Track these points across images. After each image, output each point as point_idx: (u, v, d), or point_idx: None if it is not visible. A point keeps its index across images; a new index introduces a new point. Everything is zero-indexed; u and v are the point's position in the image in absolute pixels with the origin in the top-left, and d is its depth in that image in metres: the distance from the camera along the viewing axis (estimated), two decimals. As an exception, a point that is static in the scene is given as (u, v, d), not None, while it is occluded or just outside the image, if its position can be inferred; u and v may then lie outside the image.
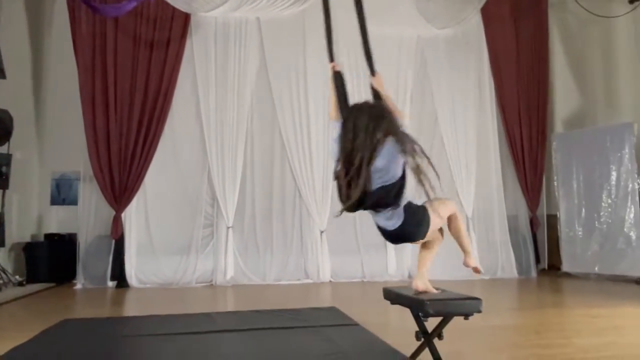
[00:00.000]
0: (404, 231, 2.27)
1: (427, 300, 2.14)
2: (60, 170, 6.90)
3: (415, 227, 2.28)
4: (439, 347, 2.35)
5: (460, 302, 2.19)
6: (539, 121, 7.30)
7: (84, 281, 6.03)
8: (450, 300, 2.19)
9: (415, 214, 2.27)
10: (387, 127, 2.14)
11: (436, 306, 2.12)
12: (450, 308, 2.16)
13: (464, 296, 2.25)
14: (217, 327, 2.92)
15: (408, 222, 2.25)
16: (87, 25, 6.29)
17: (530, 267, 6.97)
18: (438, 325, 2.30)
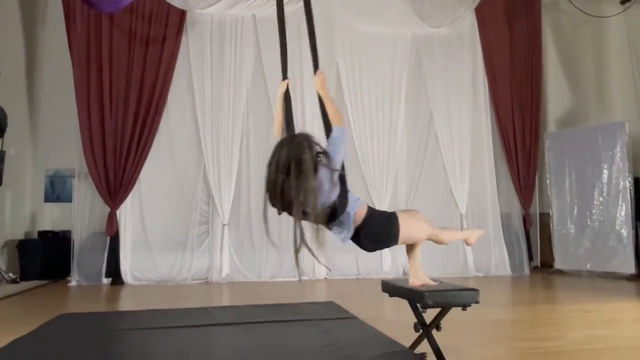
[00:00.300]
0: (367, 239, 2.31)
1: (426, 291, 2.17)
2: (54, 167, 6.86)
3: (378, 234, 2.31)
4: (436, 339, 2.38)
5: (458, 293, 2.22)
6: (532, 120, 7.37)
7: (78, 278, 6.00)
8: (448, 291, 2.22)
9: (378, 222, 2.30)
10: (306, 167, 2.07)
11: (435, 297, 2.15)
12: (448, 299, 2.19)
13: (461, 287, 2.29)
14: (215, 321, 2.93)
15: (368, 232, 2.28)
16: (82, 22, 6.25)
17: (523, 265, 7.04)
18: (436, 317, 2.33)
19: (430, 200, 6.96)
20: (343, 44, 6.90)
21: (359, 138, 6.84)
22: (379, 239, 2.34)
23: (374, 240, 2.34)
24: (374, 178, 6.84)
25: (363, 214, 2.28)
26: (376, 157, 6.87)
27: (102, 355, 2.29)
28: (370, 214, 2.29)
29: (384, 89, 6.97)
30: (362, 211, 2.28)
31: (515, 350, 2.95)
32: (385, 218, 2.33)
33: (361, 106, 6.89)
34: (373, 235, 2.30)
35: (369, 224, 2.27)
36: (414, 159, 7.05)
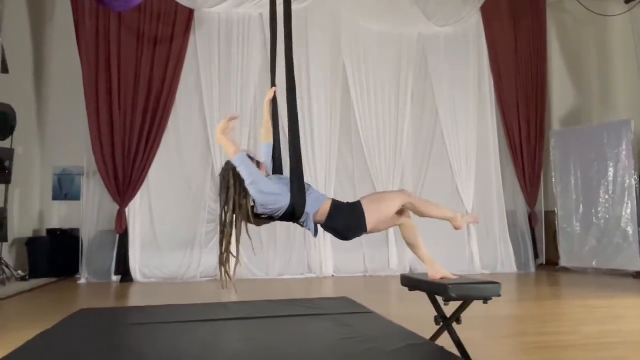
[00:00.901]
0: (335, 231, 2.50)
1: (449, 284, 2.20)
2: (62, 165, 6.89)
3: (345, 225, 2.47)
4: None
5: (481, 286, 2.25)
6: (538, 118, 7.41)
7: (87, 276, 6.03)
8: (471, 284, 2.25)
9: (343, 214, 2.46)
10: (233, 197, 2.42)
11: (458, 290, 2.18)
12: (471, 292, 2.23)
13: (484, 280, 2.32)
14: (233, 315, 2.97)
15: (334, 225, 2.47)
16: (90, 20, 6.28)
17: (529, 262, 7.08)
18: (457, 310, 2.36)
19: (437, 197, 6.97)
20: (350, 43, 6.94)
21: (365, 136, 6.88)
22: (346, 229, 2.48)
23: (342, 231, 2.48)
24: (381, 176, 6.87)
25: (326, 210, 2.45)
26: (383, 155, 6.91)
27: (125, 349, 2.33)
28: (333, 208, 2.46)
29: (390, 88, 7.01)
30: (325, 207, 2.45)
31: (529, 344, 2.98)
32: (349, 209, 2.48)
33: (367, 105, 6.93)
34: (340, 227, 2.47)
35: (334, 218, 2.44)
36: (420, 157, 7.09)
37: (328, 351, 2.17)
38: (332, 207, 2.44)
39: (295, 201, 2.39)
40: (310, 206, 2.42)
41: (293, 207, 2.40)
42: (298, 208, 2.41)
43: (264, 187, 2.38)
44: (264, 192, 2.38)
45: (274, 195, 2.39)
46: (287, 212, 2.42)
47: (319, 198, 2.47)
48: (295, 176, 2.39)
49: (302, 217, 2.44)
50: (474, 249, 6.92)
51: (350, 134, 6.91)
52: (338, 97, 6.85)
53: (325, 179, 6.68)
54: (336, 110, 6.83)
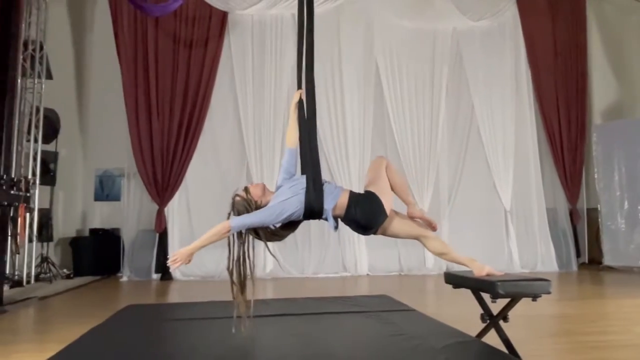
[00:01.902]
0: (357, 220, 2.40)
1: (498, 281, 2.15)
2: (103, 167, 7.10)
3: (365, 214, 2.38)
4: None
5: (530, 283, 2.20)
6: (578, 113, 7.18)
7: (129, 274, 6.19)
8: (520, 281, 2.20)
9: (360, 201, 2.39)
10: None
11: (507, 287, 2.13)
12: (520, 289, 2.17)
13: (532, 277, 2.26)
14: (275, 312, 2.99)
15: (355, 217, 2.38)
16: (128, 26, 6.45)
17: (570, 261, 6.87)
18: (505, 307, 2.31)
19: (473, 196, 6.88)
20: (382, 40, 6.90)
21: (399, 134, 6.82)
22: (367, 217, 2.38)
23: (364, 220, 2.39)
24: (415, 174, 6.80)
25: (345, 202, 2.38)
26: (417, 153, 6.83)
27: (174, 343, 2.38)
28: (351, 199, 2.39)
29: (424, 85, 6.93)
30: (343, 200, 2.38)
31: (580, 344, 2.89)
32: (365, 198, 2.41)
33: (401, 102, 6.87)
34: (361, 217, 2.38)
35: (353, 208, 2.36)
36: (456, 154, 6.98)
37: (378, 347, 2.16)
38: (350, 198, 2.38)
39: (311, 199, 2.33)
40: (328, 201, 2.36)
41: (310, 205, 2.34)
42: (316, 205, 2.35)
43: (269, 217, 2.33)
44: (274, 216, 2.32)
45: (282, 208, 2.33)
46: (306, 212, 2.35)
47: (335, 191, 2.41)
48: (312, 173, 2.35)
49: (323, 213, 2.38)
50: (513, 248, 6.76)
51: (384, 132, 6.87)
52: (371, 95, 6.81)
53: (358, 178, 6.64)
54: (369, 108, 6.79)
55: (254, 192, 2.45)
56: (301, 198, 2.33)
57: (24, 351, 2.88)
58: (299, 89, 2.71)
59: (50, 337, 3.13)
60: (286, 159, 2.59)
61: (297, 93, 2.68)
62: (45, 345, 2.80)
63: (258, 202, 2.41)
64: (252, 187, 2.47)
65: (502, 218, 6.84)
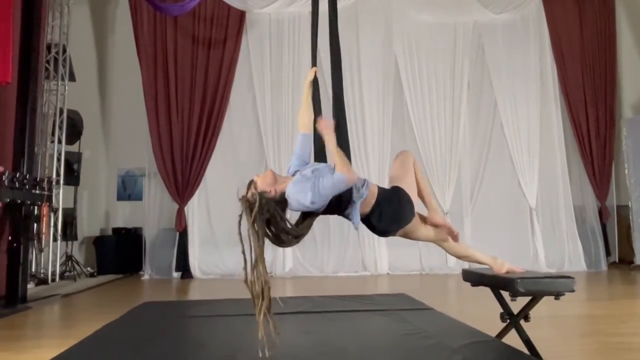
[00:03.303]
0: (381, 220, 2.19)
1: (517, 278, 2.06)
2: (125, 167, 7.21)
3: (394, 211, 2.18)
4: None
5: (552, 280, 2.09)
6: (607, 106, 6.92)
7: (150, 272, 6.26)
8: (541, 278, 2.10)
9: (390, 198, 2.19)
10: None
11: (527, 284, 2.03)
12: (541, 286, 2.07)
13: (555, 274, 2.15)
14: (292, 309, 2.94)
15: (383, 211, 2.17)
16: (148, 27, 6.52)
17: (600, 260, 6.61)
18: (526, 306, 2.21)
19: (497, 193, 6.70)
20: (401, 34, 6.79)
21: (419, 130, 6.70)
22: (395, 218, 2.18)
23: (389, 221, 2.18)
24: (437, 171, 6.66)
25: (373, 199, 2.16)
26: (438, 150, 6.70)
27: (187, 340, 2.36)
28: (380, 195, 2.18)
29: (444, 79, 6.78)
30: (371, 195, 2.16)
31: (607, 345, 2.75)
32: (393, 195, 2.20)
33: (421, 98, 6.74)
34: (389, 216, 2.17)
35: (382, 205, 2.15)
36: (478, 151, 6.81)
37: (391, 346, 2.09)
38: (379, 194, 2.17)
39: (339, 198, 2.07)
40: (356, 193, 2.11)
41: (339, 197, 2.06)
42: (345, 192, 2.07)
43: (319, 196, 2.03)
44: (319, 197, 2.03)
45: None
46: (333, 200, 2.06)
47: (364, 183, 2.16)
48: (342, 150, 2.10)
49: (349, 207, 2.12)
50: (539, 246, 6.55)
51: (404, 129, 6.76)
52: (390, 91, 6.71)
53: (378, 175, 6.55)
54: (388, 104, 6.69)
55: (262, 183, 2.06)
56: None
57: (44, 346, 2.92)
58: (313, 66, 2.50)
59: (70, 333, 3.17)
60: (300, 145, 2.28)
61: (311, 71, 2.46)
62: (64, 341, 2.82)
63: (271, 193, 2.04)
64: (259, 178, 2.09)
65: (527, 216, 6.64)
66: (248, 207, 2.01)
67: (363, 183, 2.18)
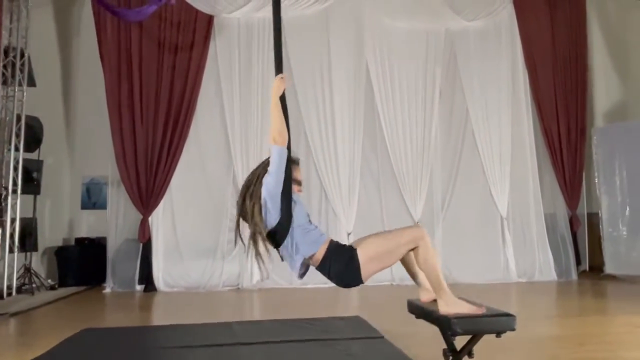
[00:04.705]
0: (329, 275, 2.26)
1: (455, 317, 1.96)
2: (90, 174, 6.99)
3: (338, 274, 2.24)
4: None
5: (492, 319, 2.00)
6: (578, 115, 6.91)
7: (112, 285, 6.07)
8: (480, 317, 2.00)
9: (338, 258, 2.23)
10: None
11: (465, 324, 1.94)
12: (480, 326, 1.98)
13: (495, 312, 2.06)
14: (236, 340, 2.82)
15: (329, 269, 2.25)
16: (112, 31, 6.32)
17: (570, 269, 6.61)
18: (467, 343, 2.12)
19: (468, 201, 6.65)
20: (373, 40, 6.69)
21: (390, 138, 6.61)
22: (339, 279, 2.27)
23: (335, 278, 2.27)
24: (407, 180, 6.58)
25: (322, 254, 2.23)
26: (409, 158, 6.62)
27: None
28: (329, 252, 2.22)
29: (416, 87, 6.70)
30: (321, 251, 2.23)
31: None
32: (344, 257, 2.22)
33: (392, 105, 6.65)
34: (333, 275, 2.25)
35: (328, 262, 2.21)
36: (450, 160, 6.75)
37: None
38: (328, 251, 2.22)
39: (283, 221, 2.19)
40: (306, 248, 2.21)
41: (278, 227, 2.21)
42: (281, 231, 2.21)
43: (274, 188, 2.18)
44: (270, 194, 2.20)
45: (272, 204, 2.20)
46: (272, 230, 2.21)
47: (319, 240, 2.24)
48: (285, 195, 2.20)
49: (282, 248, 2.27)
50: (510, 256, 6.51)
51: (375, 137, 6.66)
52: (361, 98, 6.61)
53: (348, 184, 6.47)
54: (359, 111, 6.59)
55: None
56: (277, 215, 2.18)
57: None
58: (279, 75, 2.37)
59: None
60: (278, 163, 2.22)
61: (280, 81, 2.33)
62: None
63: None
64: None
65: (499, 225, 6.60)
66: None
67: (318, 238, 2.24)
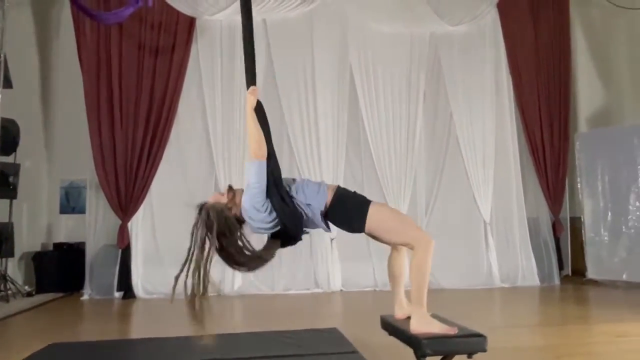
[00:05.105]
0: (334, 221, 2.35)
1: (425, 338, 1.91)
2: (69, 178, 6.85)
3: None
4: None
5: (463, 340, 1.95)
6: (561, 120, 6.92)
7: (90, 292, 5.95)
8: (450, 338, 1.96)
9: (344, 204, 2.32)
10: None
11: (435, 345, 1.90)
12: (451, 347, 1.94)
13: (467, 333, 2.01)
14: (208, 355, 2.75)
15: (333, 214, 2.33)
16: (91, 33, 6.20)
17: (552, 274, 6.62)
18: (440, 362, 2.07)
19: (452, 207, 6.63)
20: (356, 45, 6.64)
21: (374, 143, 6.57)
22: (342, 223, 2.36)
23: (339, 223, 2.36)
24: (391, 185, 6.54)
25: (329, 201, 2.31)
26: (393, 163, 6.58)
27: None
28: (335, 198, 2.30)
29: (400, 91, 6.67)
30: (328, 199, 2.31)
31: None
32: (352, 204, 2.32)
33: (376, 109, 6.61)
34: (337, 220, 2.34)
35: (333, 208, 2.31)
36: (434, 164, 6.72)
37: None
38: (335, 197, 2.32)
39: (286, 221, 2.24)
40: (317, 201, 2.29)
41: (285, 227, 2.26)
42: (291, 227, 2.27)
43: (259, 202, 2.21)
44: (256, 208, 2.23)
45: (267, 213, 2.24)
46: (281, 231, 2.26)
47: (321, 191, 2.32)
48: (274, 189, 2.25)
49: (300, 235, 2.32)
50: (493, 261, 6.50)
51: (359, 141, 6.62)
52: (345, 102, 6.56)
53: (332, 189, 6.41)
54: (343, 115, 6.54)
55: (215, 198, 2.33)
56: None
57: None
58: (252, 85, 2.44)
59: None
60: (259, 176, 2.26)
61: (251, 94, 2.39)
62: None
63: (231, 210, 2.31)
64: (213, 196, 2.36)
65: (482, 230, 6.59)
66: (203, 218, 2.22)
67: (318, 189, 2.32)
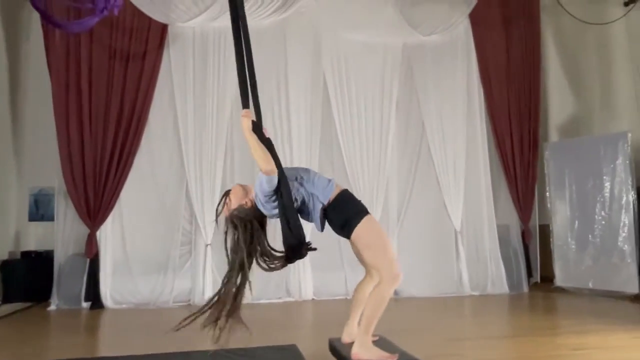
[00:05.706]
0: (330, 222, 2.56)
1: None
2: (38, 185, 6.75)
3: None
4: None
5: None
6: (531, 130, 7.03)
7: (58, 302, 5.86)
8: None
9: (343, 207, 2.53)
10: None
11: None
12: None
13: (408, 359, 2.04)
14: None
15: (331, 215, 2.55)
16: (60, 38, 6.10)
17: (522, 282, 6.73)
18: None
19: (423, 215, 6.70)
20: (330, 53, 6.66)
21: (347, 152, 6.60)
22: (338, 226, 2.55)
23: (335, 225, 2.56)
24: (363, 193, 6.57)
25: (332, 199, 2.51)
26: (366, 171, 6.62)
27: None
28: (337, 199, 2.51)
29: (373, 100, 6.71)
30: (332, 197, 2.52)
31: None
32: (349, 210, 2.52)
33: (349, 118, 6.64)
34: (334, 221, 2.54)
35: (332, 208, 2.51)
36: (406, 173, 6.78)
37: None
38: (339, 196, 2.51)
39: (289, 242, 2.39)
40: (322, 196, 2.47)
41: (289, 246, 2.40)
42: (294, 245, 2.42)
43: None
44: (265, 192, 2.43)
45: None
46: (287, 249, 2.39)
47: (329, 186, 2.51)
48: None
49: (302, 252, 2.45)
50: (463, 268, 6.58)
51: (332, 149, 6.64)
52: (318, 110, 6.57)
53: (304, 198, 6.42)
54: (316, 124, 6.55)
55: (235, 198, 2.49)
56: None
57: None
58: (245, 108, 2.53)
59: None
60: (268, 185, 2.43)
61: (244, 117, 2.48)
62: None
63: (247, 204, 2.50)
64: (231, 195, 2.54)
65: (452, 239, 6.66)
66: (232, 224, 2.44)
67: (327, 184, 2.52)
